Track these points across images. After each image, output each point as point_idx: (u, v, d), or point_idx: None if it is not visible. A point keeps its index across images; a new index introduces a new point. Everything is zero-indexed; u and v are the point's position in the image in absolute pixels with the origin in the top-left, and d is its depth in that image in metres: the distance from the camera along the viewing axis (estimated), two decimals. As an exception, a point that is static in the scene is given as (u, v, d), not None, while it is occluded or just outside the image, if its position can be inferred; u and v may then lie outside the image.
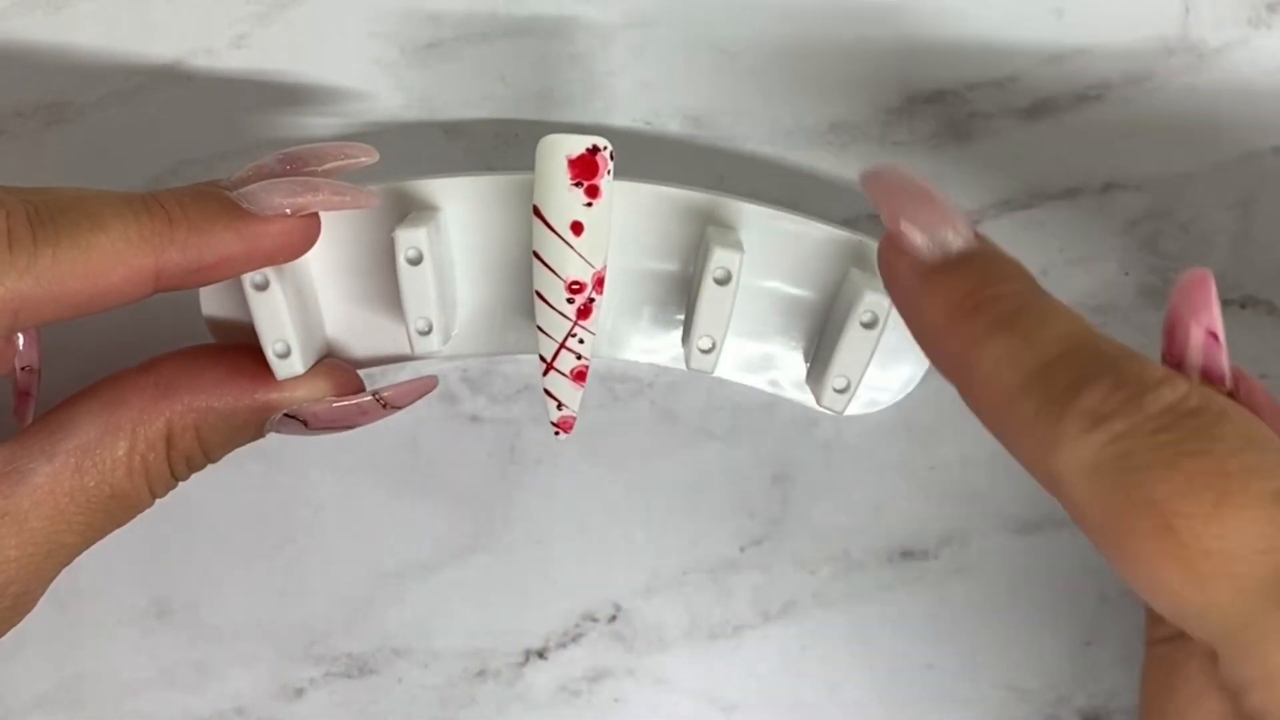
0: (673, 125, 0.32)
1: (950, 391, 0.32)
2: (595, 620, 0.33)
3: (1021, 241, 0.32)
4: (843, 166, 0.32)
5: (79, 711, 0.34)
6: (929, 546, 0.33)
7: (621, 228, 0.29)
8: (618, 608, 0.33)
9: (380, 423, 0.33)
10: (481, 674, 0.34)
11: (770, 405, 0.33)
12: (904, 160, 0.32)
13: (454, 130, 0.32)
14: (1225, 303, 0.32)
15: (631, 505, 0.33)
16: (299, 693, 0.34)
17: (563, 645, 0.34)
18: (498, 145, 0.32)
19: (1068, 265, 0.32)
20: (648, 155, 0.31)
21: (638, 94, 0.32)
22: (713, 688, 0.34)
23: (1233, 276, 0.32)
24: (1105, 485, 0.20)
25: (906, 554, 0.33)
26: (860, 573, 0.33)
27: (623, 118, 0.32)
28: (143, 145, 0.32)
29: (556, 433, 0.29)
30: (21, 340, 0.29)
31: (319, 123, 0.32)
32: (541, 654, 0.34)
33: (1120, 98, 0.31)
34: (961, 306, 0.22)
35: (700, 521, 0.33)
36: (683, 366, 0.30)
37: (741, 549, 0.33)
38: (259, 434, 0.29)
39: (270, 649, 0.33)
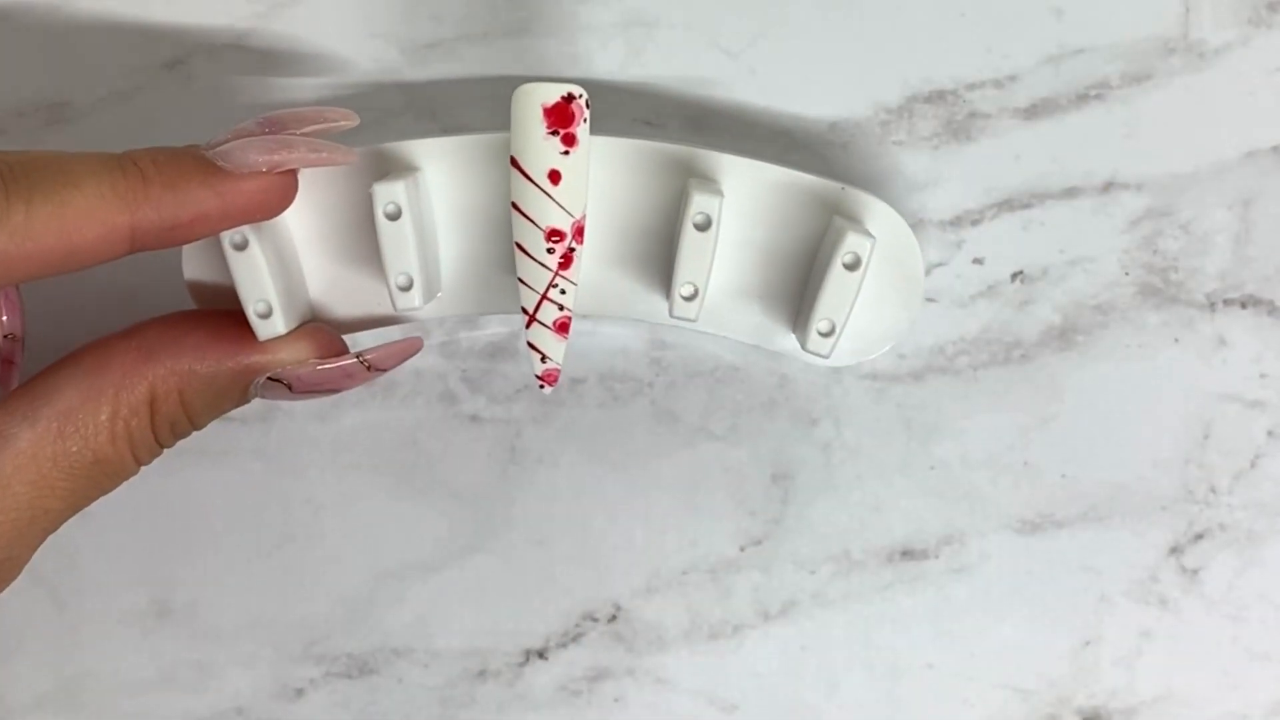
0: (672, 125, 0.32)
1: (950, 391, 0.33)
2: (595, 620, 0.33)
3: (1021, 241, 0.32)
4: (842, 166, 0.32)
5: (79, 711, 0.34)
6: (929, 546, 0.33)
7: (602, 183, 0.29)
8: (618, 608, 0.33)
9: (380, 423, 0.33)
10: (481, 674, 0.34)
11: (770, 405, 0.33)
12: (903, 161, 0.32)
13: (454, 130, 0.32)
14: (1225, 303, 0.32)
15: (631, 505, 0.33)
16: (299, 693, 0.34)
17: (563, 645, 0.34)
18: (498, 145, 0.32)
19: (1068, 265, 0.32)
20: (648, 155, 0.31)
21: (638, 94, 0.32)
22: (713, 688, 0.34)
23: (1233, 276, 0.32)
24: None
25: (906, 554, 0.33)
26: (860, 573, 0.33)
27: (623, 118, 0.32)
28: (143, 145, 0.32)
29: (542, 386, 0.29)
30: (3, 309, 0.29)
31: (319, 123, 0.32)
32: (541, 654, 0.34)
33: (1120, 98, 0.31)
34: None
35: (700, 521, 0.33)
36: (667, 320, 0.29)
37: (741, 549, 0.33)
38: (244, 399, 0.28)
39: (270, 649, 0.33)
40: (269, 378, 0.28)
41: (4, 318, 0.29)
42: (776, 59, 0.32)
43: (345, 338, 0.30)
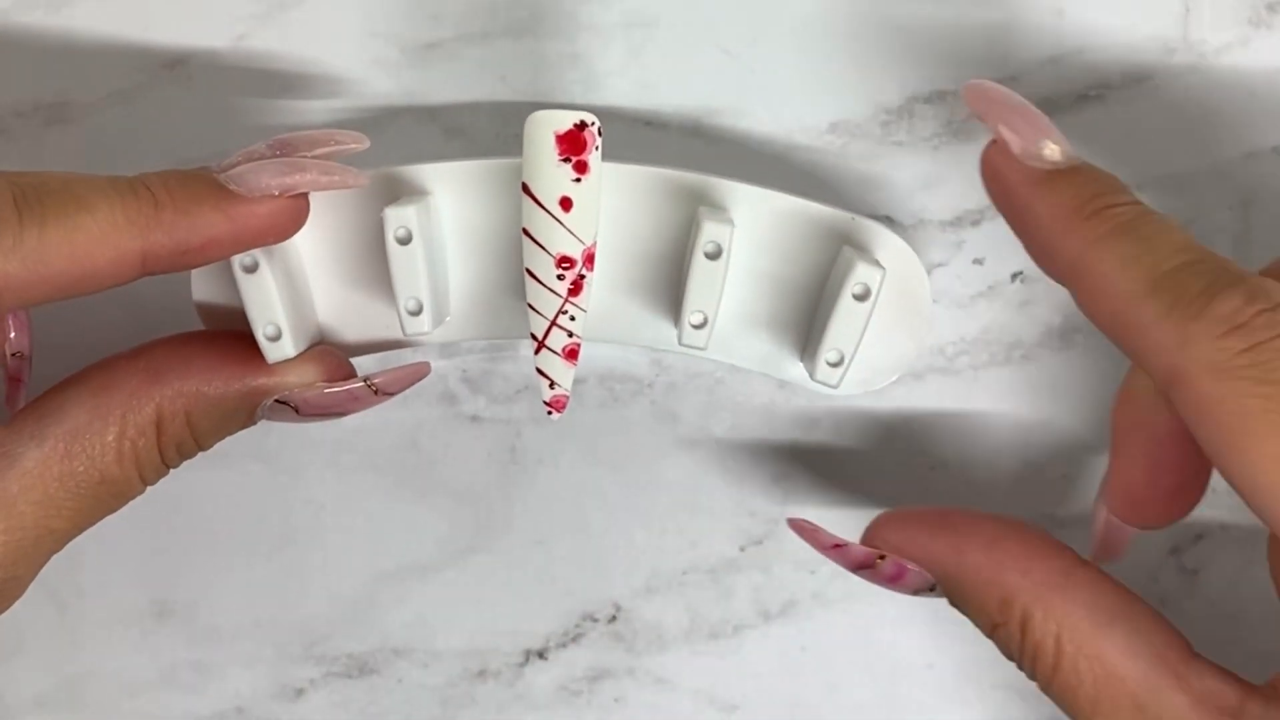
0: (673, 125, 0.32)
1: (950, 391, 0.33)
2: (595, 620, 0.34)
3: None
4: (843, 166, 0.32)
5: (79, 711, 0.34)
6: (929, 546, 0.33)
7: (613, 210, 0.29)
8: (618, 608, 0.33)
9: (380, 423, 0.33)
10: (481, 674, 0.34)
11: (770, 405, 0.33)
12: (903, 161, 0.32)
13: (454, 130, 0.32)
14: (1225, 303, 0.32)
15: (631, 505, 0.33)
16: (299, 693, 0.34)
17: (563, 645, 0.34)
18: (497, 146, 0.32)
19: (1068, 265, 0.32)
20: (648, 155, 0.31)
21: (638, 94, 0.32)
22: (713, 688, 0.34)
23: (1233, 276, 0.32)
24: (1238, 388, 0.21)
25: (906, 554, 0.33)
26: (860, 573, 0.33)
27: (623, 118, 0.32)
28: (143, 145, 0.32)
29: (549, 412, 0.29)
30: (12, 327, 0.29)
31: (318, 123, 0.32)
32: (541, 654, 0.34)
33: (1120, 98, 0.31)
34: (1080, 211, 0.24)
35: (700, 521, 0.33)
36: (676, 348, 0.30)
37: (741, 549, 0.33)
38: (250, 421, 0.28)
39: (270, 649, 0.33)
40: (276, 400, 0.28)
41: (12, 335, 0.29)
42: (777, 59, 0.32)
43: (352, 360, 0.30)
